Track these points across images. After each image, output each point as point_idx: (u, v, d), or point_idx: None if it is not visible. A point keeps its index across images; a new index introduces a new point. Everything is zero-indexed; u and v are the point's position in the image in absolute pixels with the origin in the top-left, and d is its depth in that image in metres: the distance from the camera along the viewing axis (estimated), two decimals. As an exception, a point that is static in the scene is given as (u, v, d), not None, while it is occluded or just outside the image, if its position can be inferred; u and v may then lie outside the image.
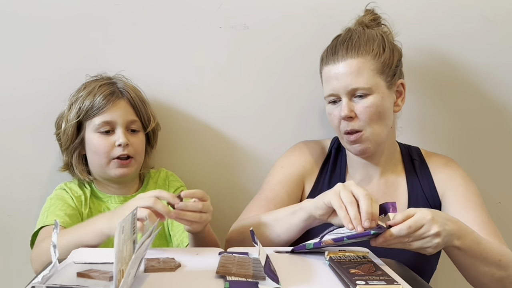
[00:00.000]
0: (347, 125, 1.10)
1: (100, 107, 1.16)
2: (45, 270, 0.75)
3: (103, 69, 1.26)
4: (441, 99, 1.39)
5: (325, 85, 1.14)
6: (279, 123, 1.37)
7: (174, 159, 1.36)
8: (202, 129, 1.36)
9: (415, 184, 1.18)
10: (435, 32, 1.35)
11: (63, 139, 1.20)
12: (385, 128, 1.13)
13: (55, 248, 0.78)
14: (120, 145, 1.16)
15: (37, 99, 1.30)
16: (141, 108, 1.22)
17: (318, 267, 0.87)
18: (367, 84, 1.08)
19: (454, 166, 1.20)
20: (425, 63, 1.36)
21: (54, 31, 1.29)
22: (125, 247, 0.70)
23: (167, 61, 1.33)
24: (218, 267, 0.79)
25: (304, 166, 1.20)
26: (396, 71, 1.14)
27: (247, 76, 1.35)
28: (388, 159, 1.19)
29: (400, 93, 1.16)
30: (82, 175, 1.21)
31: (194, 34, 1.32)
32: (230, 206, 1.38)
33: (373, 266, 0.82)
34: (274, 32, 1.33)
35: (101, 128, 1.17)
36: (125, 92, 1.21)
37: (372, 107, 1.09)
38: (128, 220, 0.71)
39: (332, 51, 1.13)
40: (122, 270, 0.68)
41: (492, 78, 1.38)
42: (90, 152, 1.19)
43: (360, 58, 1.09)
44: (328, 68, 1.12)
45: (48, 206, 1.17)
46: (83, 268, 0.80)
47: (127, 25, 1.31)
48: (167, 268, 0.81)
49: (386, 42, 1.13)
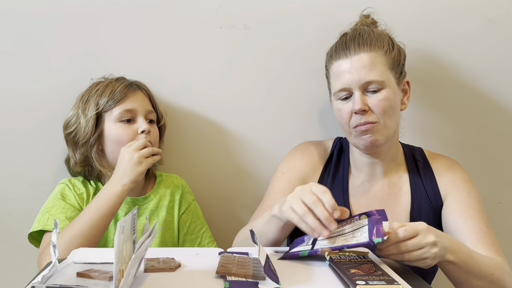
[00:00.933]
0: (360, 118, 1.09)
1: (121, 97, 1.17)
2: (45, 270, 0.75)
3: (101, 69, 1.26)
4: (441, 100, 1.38)
5: (335, 80, 1.13)
6: (279, 122, 1.37)
7: (173, 158, 1.36)
8: (202, 128, 1.36)
9: (418, 184, 1.18)
10: (435, 33, 1.35)
11: (81, 135, 1.18)
12: (395, 124, 1.13)
13: (54, 248, 0.78)
14: (144, 131, 1.17)
15: (38, 99, 1.30)
16: (155, 101, 1.26)
17: (318, 267, 0.87)
18: (381, 77, 1.08)
19: (457, 169, 1.19)
20: (427, 64, 1.36)
21: (52, 32, 1.29)
22: (125, 247, 0.70)
23: (167, 61, 1.33)
24: (218, 267, 0.79)
25: (305, 170, 1.20)
26: (402, 69, 1.15)
27: (247, 76, 1.35)
28: (392, 160, 1.18)
29: (406, 92, 1.17)
30: (103, 168, 1.19)
31: (194, 34, 1.32)
32: (230, 205, 1.39)
33: (373, 266, 0.82)
34: (274, 32, 1.33)
35: (123, 117, 1.17)
36: (141, 85, 1.24)
37: (386, 101, 1.09)
38: (128, 220, 0.71)
39: (343, 46, 1.12)
40: (122, 270, 0.68)
41: (492, 79, 1.37)
42: (111, 143, 1.18)
43: (373, 53, 1.09)
44: (338, 63, 1.11)
45: (50, 206, 1.17)
46: (83, 268, 0.79)
47: (127, 25, 1.30)
48: (167, 268, 0.81)
49: (393, 40, 1.15)
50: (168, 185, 1.28)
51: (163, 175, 1.30)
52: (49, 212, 1.15)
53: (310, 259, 0.90)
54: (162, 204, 1.24)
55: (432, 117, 1.40)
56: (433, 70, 1.36)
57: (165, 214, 1.24)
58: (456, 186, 1.15)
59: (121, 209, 1.20)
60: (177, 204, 1.26)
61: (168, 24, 1.32)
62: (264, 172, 1.34)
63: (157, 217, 1.23)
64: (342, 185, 1.19)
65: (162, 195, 1.25)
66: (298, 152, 1.24)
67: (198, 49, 1.33)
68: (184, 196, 1.28)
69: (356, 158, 1.20)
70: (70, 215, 1.15)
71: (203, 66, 1.34)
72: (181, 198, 1.27)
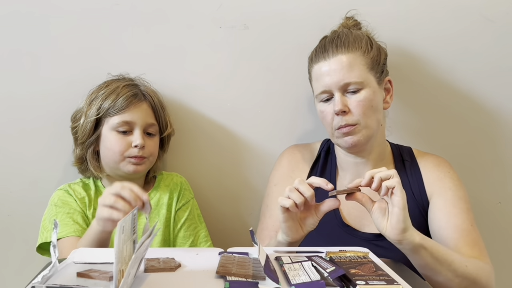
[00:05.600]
0: (341, 120, 1.11)
1: (122, 107, 1.17)
2: (45, 270, 0.75)
3: (103, 68, 1.26)
4: (438, 99, 1.39)
5: (316, 83, 1.15)
6: (278, 121, 1.37)
7: (173, 157, 1.36)
8: (202, 128, 1.36)
9: (405, 185, 1.16)
10: (426, 34, 1.35)
11: (80, 133, 1.20)
12: (376, 123, 1.14)
13: (54, 248, 0.78)
14: (137, 146, 1.17)
15: (38, 99, 1.30)
16: (160, 113, 1.24)
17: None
18: (359, 78, 1.10)
19: (445, 167, 1.19)
20: (418, 64, 1.36)
21: (55, 33, 1.29)
22: (125, 247, 0.70)
23: (167, 61, 1.33)
24: (218, 267, 0.79)
25: (293, 176, 1.21)
26: (383, 68, 1.16)
27: (247, 76, 1.35)
28: (379, 159, 1.18)
29: (388, 91, 1.18)
30: (95, 170, 1.21)
31: (194, 34, 1.32)
32: (231, 204, 1.39)
33: (373, 266, 0.82)
34: (274, 32, 1.33)
35: (119, 128, 1.18)
36: (148, 96, 1.23)
37: (365, 101, 1.10)
38: (128, 220, 0.71)
39: (322, 49, 1.14)
40: (122, 270, 0.68)
41: (490, 77, 1.37)
42: (104, 149, 1.20)
43: (350, 54, 1.11)
44: (318, 66, 1.14)
45: (54, 214, 1.17)
46: (83, 268, 0.79)
47: (127, 25, 1.30)
48: (167, 268, 0.81)
49: (372, 40, 1.16)
50: (168, 183, 1.28)
51: (163, 174, 1.30)
52: (55, 219, 1.15)
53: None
54: (162, 202, 1.25)
55: (430, 117, 1.40)
56: (426, 69, 1.36)
57: (165, 211, 1.24)
58: (443, 185, 1.15)
59: None
60: (175, 200, 1.26)
61: (168, 25, 1.32)
62: (264, 171, 1.34)
63: (157, 215, 1.23)
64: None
65: (162, 193, 1.26)
66: (284, 158, 1.26)
67: (198, 49, 1.33)
68: (182, 193, 1.28)
69: (342, 159, 1.20)
70: (76, 219, 1.16)
71: (203, 66, 1.34)
72: (179, 195, 1.27)
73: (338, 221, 1.16)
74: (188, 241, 1.25)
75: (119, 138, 1.18)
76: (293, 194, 0.96)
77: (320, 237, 1.07)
